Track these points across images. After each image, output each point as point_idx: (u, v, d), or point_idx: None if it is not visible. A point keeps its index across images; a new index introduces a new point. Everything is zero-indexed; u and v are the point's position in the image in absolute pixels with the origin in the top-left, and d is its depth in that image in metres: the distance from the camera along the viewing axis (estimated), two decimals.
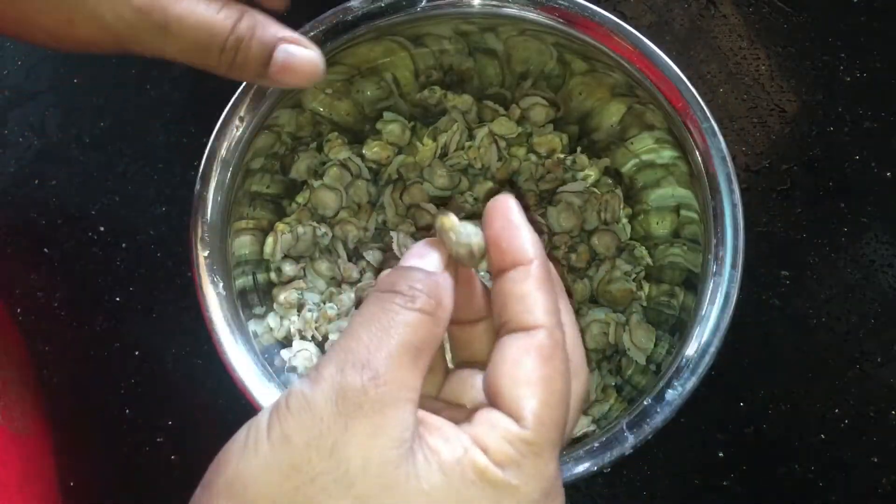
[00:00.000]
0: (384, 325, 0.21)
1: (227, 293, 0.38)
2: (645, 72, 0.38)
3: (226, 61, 0.27)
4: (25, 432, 0.38)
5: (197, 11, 0.25)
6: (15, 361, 0.40)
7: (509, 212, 0.24)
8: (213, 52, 0.26)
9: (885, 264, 0.51)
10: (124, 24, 0.25)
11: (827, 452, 0.48)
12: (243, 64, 0.27)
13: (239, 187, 0.40)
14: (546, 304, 0.23)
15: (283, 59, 0.27)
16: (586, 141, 0.48)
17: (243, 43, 0.26)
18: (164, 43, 0.26)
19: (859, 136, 0.53)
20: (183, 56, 0.26)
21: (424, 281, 0.22)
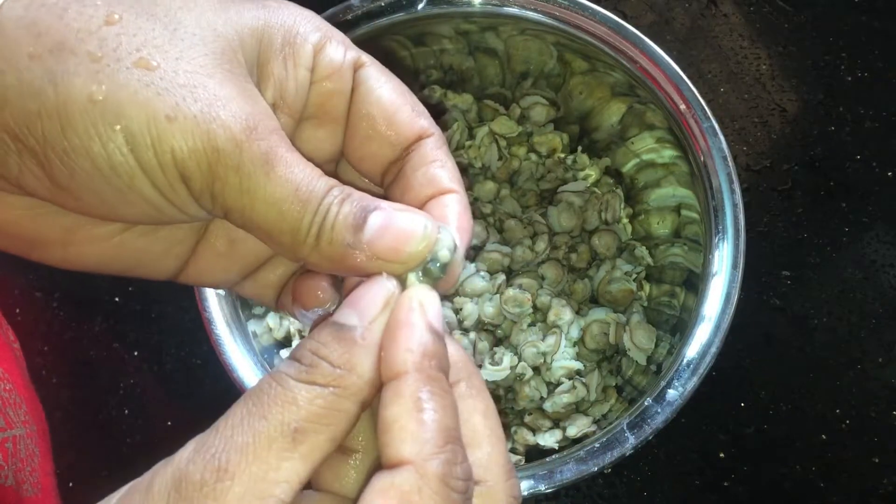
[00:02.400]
0: (259, 404, 0.17)
1: (226, 293, 0.38)
2: (645, 71, 0.38)
3: (317, 223, 0.19)
4: (35, 493, 0.38)
5: (303, 162, 0.20)
6: (23, 415, 0.39)
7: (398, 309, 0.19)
8: (309, 210, 0.19)
9: (886, 264, 0.51)
10: (212, 148, 0.18)
11: (828, 453, 0.48)
12: (331, 229, 0.19)
13: None
14: (424, 433, 0.18)
15: (381, 220, 0.19)
16: (587, 140, 0.48)
17: (334, 203, 0.19)
18: (255, 187, 0.19)
19: (860, 136, 0.53)
20: (269, 214, 0.19)
21: (336, 342, 0.18)
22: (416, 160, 0.22)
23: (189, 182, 0.19)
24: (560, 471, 0.34)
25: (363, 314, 0.19)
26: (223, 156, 0.18)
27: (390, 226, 0.19)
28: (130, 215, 0.20)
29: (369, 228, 0.19)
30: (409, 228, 0.19)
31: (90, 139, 0.18)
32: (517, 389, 0.42)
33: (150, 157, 0.18)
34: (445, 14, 0.40)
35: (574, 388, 0.41)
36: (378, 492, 0.17)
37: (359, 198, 0.20)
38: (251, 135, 0.19)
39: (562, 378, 0.42)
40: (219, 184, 0.19)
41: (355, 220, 0.19)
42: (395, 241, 0.19)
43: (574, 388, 0.41)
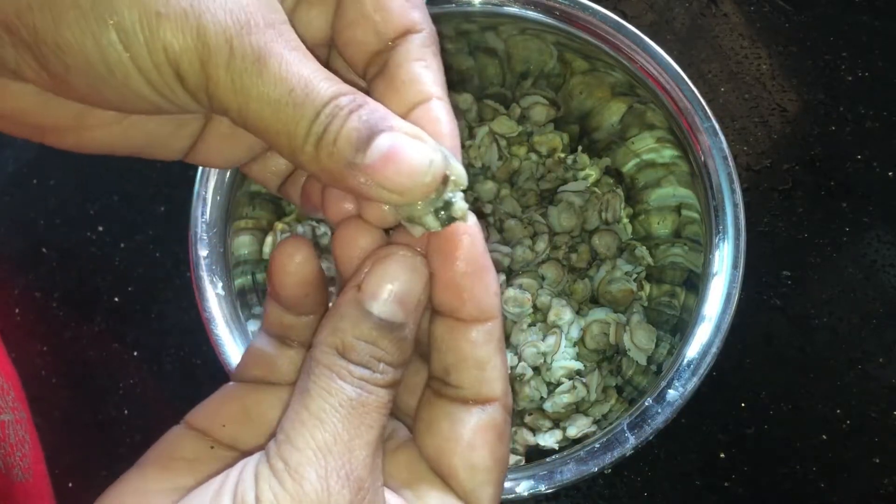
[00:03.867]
0: (360, 416, 0.18)
1: (226, 293, 0.38)
2: (646, 71, 0.38)
3: (315, 133, 0.18)
4: (26, 478, 0.38)
5: (303, 63, 0.18)
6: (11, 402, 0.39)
7: (475, 249, 0.19)
8: (307, 115, 0.18)
9: (886, 264, 0.51)
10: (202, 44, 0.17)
11: (828, 453, 0.48)
12: (331, 142, 0.18)
13: (238, 187, 0.40)
14: (504, 372, 0.20)
15: (388, 146, 0.18)
16: (587, 140, 0.48)
17: (339, 114, 0.18)
18: (248, 85, 0.18)
19: (861, 136, 0.53)
20: (263, 114, 0.18)
21: (394, 346, 0.18)
22: (401, 55, 0.20)
23: (184, 81, 0.18)
24: (560, 471, 0.34)
25: (408, 311, 0.19)
26: (213, 53, 0.17)
27: (397, 153, 0.18)
28: (130, 109, 0.19)
29: (374, 151, 0.18)
30: (417, 161, 0.18)
31: (83, 35, 0.17)
32: (517, 389, 0.42)
33: (144, 54, 0.17)
34: (445, 14, 0.40)
35: (574, 388, 0.41)
36: (481, 428, 0.19)
37: (369, 112, 0.18)
38: (243, 29, 0.17)
39: (562, 378, 0.41)
40: (212, 82, 0.18)
41: (359, 138, 0.18)
42: (399, 172, 0.18)
43: (574, 388, 0.41)
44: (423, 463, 0.21)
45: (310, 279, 0.21)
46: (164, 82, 0.18)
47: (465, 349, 0.20)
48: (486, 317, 0.20)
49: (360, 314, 0.18)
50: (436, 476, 0.20)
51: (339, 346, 0.18)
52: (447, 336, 0.20)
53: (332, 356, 0.18)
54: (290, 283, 0.21)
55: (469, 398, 0.20)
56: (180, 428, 0.22)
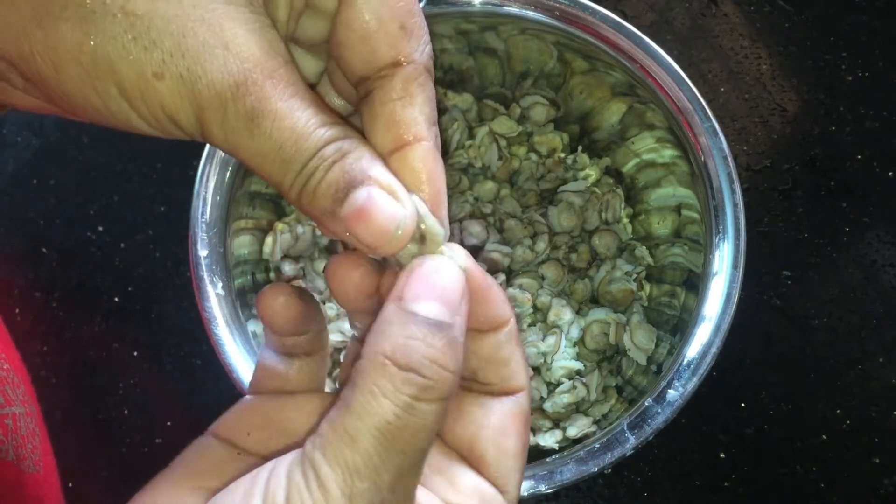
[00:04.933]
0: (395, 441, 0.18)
1: (226, 293, 0.38)
2: (646, 71, 0.38)
3: (299, 183, 0.19)
4: (35, 470, 0.38)
5: (296, 115, 0.19)
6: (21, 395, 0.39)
7: (476, 274, 0.20)
8: (293, 169, 0.19)
9: (886, 264, 0.51)
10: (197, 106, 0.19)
11: (828, 453, 0.48)
12: (313, 191, 0.19)
13: (238, 187, 0.40)
14: (525, 361, 0.22)
15: (361, 203, 0.19)
16: (587, 140, 0.48)
17: (321, 166, 0.19)
18: (239, 142, 0.19)
19: (861, 136, 0.53)
20: (252, 163, 0.19)
21: (449, 349, 0.18)
22: (385, 92, 0.21)
23: (181, 127, 0.19)
24: (560, 471, 0.34)
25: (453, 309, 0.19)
26: (208, 113, 0.18)
27: (367, 211, 0.19)
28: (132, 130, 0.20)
29: (348, 206, 0.19)
30: (385, 221, 0.19)
31: (85, 88, 0.18)
32: None
33: (143, 107, 0.19)
34: (445, 14, 0.40)
35: (574, 388, 0.41)
36: (511, 415, 0.21)
37: (350, 163, 0.19)
38: (239, 90, 0.18)
39: (562, 378, 0.41)
40: (206, 131, 0.19)
41: (337, 192, 0.19)
42: (368, 229, 0.19)
43: (574, 388, 0.41)
44: (451, 450, 0.22)
45: (297, 315, 0.22)
46: (161, 127, 0.19)
47: (488, 353, 0.21)
48: (501, 322, 0.21)
49: (407, 316, 0.18)
50: (464, 462, 0.21)
51: (387, 350, 0.18)
52: (469, 344, 0.21)
53: (380, 365, 0.18)
54: (281, 322, 0.22)
55: (497, 391, 0.21)
56: (206, 438, 0.22)
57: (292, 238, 0.44)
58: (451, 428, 0.21)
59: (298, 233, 0.44)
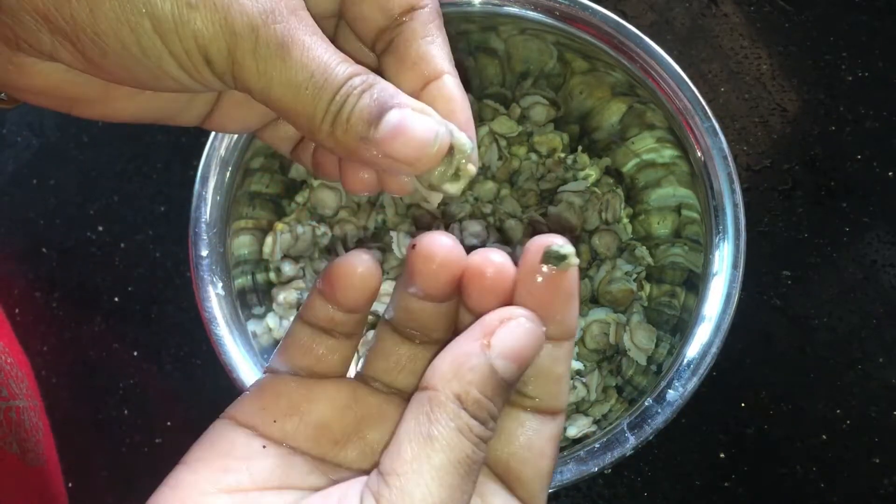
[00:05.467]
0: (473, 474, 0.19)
1: (226, 293, 0.38)
2: (646, 71, 0.38)
3: (332, 112, 0.20)
4: (38, 464, 0.38)
5: (321, 48, 0.20)
6: (25, 390, 0.40)
7: (574, 277, 0.21)
8: (325, 97, 0.19)
9: (886, 264, 0.51)
10: (230, 33, 0.19)
11: (828, 453, 0.48)
12: (347, 118, 0.20)
13: (238, 187, 0.40)
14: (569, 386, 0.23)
15: (397, 121, 0.20)
16: (587, 140, 0.48)
17: (353, 94, 0.20)
18: (271, 70, 0.19)
19: (861, 136, 0.53)
20: (285, 98, 0.20)
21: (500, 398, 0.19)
22: (409, 34, 0.22)
23: (211, 64, 0.19)
24: (560, 471, 0.34)
25: (522, 371, 0.20)
26: (240, 40, 0.19)
27: (405, 128, 0.20)
28: (159, 88, 0.21)
29: (384, 126, 0.20)
30: (423, 135, 0.20)
31: (119, 23, 0.18)
32: None
33: (175, 41, 0.19)
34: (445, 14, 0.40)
35: (574, 388, 0.41)
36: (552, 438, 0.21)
37: (379, 90, 0.20)
38: (268, 18, 0.19)
39: None
40: (237, 67, 0.19)
41: (370, 114, 0.20)
42: (407, 144, 0.20)
43: (574, 388, 0.41)
44: (483, 465, 0.21)
45: (374, 290, 0.22)
46: (193, 65, 0.19)
47: (546, 365, 0.21)
48: (568, 336, 0.21)
49: (489, 372, 0.19)
50: (496, 479, 0.21)
51: (462, 396, 0.19)
52: None
53: (454, 405, 0.19)
54: (355, 296, 0.22)
55: (541, 408, 0.21)
56: (226, 424, 0.22)
57: (292, 238, 0.44)
58: (491, 445, 0.21)
59: (298, 233, 0.44)
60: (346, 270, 0.22)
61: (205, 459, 0.21)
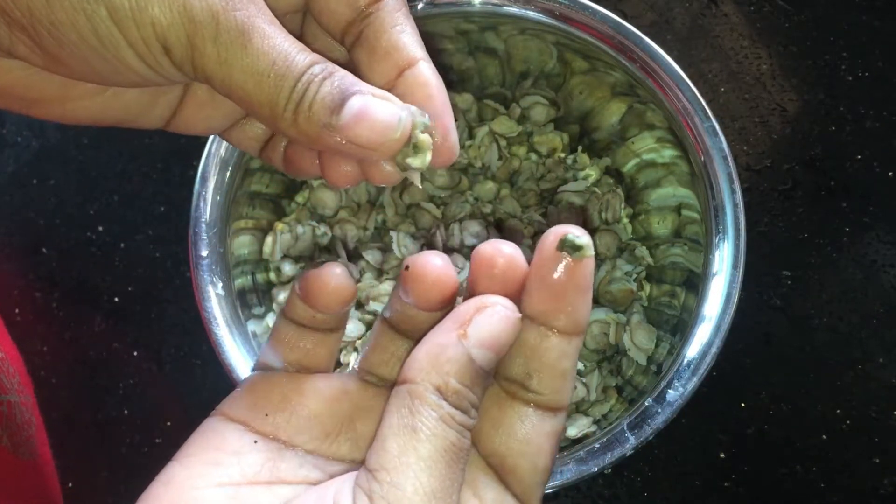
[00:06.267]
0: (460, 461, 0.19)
1: (226, 293, 0.38)
2: (646, 71, 0.38)
3: (294, 100, 0.20)
4: (31, 458, 0.38)
5: (280, 37, 0.20)
6: (16, 385, 0.40)
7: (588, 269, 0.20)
8: (286, 85, 0.19)
9: (886, 264, 0.51)
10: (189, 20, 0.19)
11: (828, 453, 0.48)
12: (309, 105, 0.20)
13: (238, 187, 0.40)
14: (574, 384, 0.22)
15: (358, 108, 0.20)
16: (587, 140, 0.48)
17: (314, 81, 0.20)
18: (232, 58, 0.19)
19: (861, 136, 0.53)
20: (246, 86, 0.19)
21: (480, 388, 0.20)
22: (377, 24, 0.22)
23: (171, 53, 0.19)
24: (560, 471, 0.34)
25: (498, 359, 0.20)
26: (200, 27, 0.19)
27: (367, 113, 0.20)
28: (118, 82, 0.21)
29: (346, 113, 0.20)
30: (385, 119, 0.20)
31: (75, 12, 0.18)
32: None
33: (133, 29, 0.19)
34: (445, 14, 0.40)
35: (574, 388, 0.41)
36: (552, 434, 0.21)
37: (339, 78, 0.20)
38: (227, 5, 0.19)
39: None
40: (198, 54, 0.19)
41: (332, 101, 0.20)
42: (370, 129, 0.20)
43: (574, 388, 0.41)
44: (480, 458, 0.21)
45: (349, 293, 0.23)
46: (151, 55, 0.19)
47: (552, 358, 0.21)
48: (577, 331, 0.21)
49: (467, 361, 0.19)
50: (489, 471, 0.21)
51: (441, 387, 0.19)
52: (538, 343, 0.21)
53: (434, 396, 0.19)
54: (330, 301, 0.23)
55: (544, 404, 0.21)
56: (218, 420, 0.22)
57: (292, 238, 0.44)
58: (489, 436, 0.21)
59: (298, 233, 0.44)
60: (318, 284, 0.22)
61: (196, 455, 0.21)
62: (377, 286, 0.42)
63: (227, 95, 0.20)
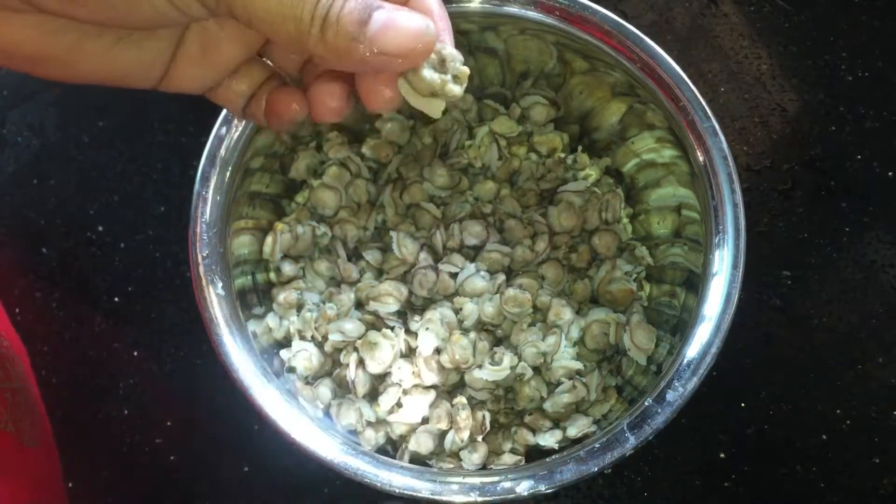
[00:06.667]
0: None
1: (226, 293, 0.38)
2: (646, 71, 0.38)
3: (319, 18, 0.21)
4: (35, 445, 0.38)
5: None
6: (20, 373, 0.40)
7: None
8: (309, 2, 0.21)
9: (886, 264, 0.51)
10: None
11: (828, 453, 0.48)
12: (336, 21, 0.21)
13: (238, 187, 0.40)
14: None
15: (385, 18, 0.21)
16: (587, 140, 0.48)
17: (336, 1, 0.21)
18: None
19: (861, 136, 0.53)
20: (267, 7, 0.21)
21: None
22: None
23: None
24: (560, 471, 0.34)
25: None
26: None
27: (393, 23, 0.21)
28: (134, 20, 0.22)
29: (374, 24, 0.21)
30: (414, 26, 0.22)
31: None
32: (517, 389, 0.42)
33: None
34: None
35: (574, 388, 0.41)
36: None
37: None
38: None
39: (562, 378, 0.42)
40: None
41: (360, 15, 0.21)
42: (398, 37, 0.21)
43: (574, 388, 0.41)
44: None
45: None
46: None
47: None
48: None
49: None
50: None
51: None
52: None
53: None
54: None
55: None
56: None
57: (292, 238, 0.44)
58: None
59: (298, 233, 0.44)
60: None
61: None
62: (377, 286, 0.42)
63: (249, 22, 0.21)
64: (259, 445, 0.47)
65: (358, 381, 0.40)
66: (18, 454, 0.36)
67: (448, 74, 0.23)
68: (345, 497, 0.47)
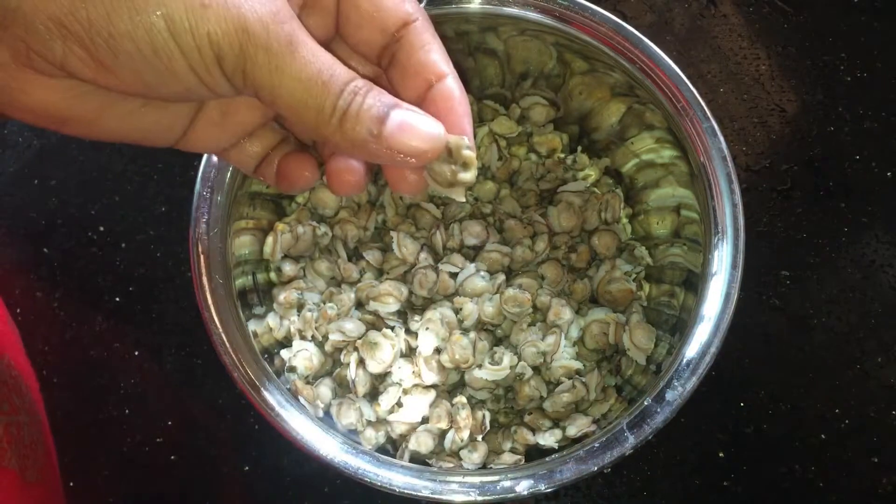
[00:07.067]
0: None
1: (226, 293, 0.38)
2: (645, 72, 0.38)
3: (340, 110, 0.22)
4: (37, 480, 0.38)
5: (322, 51, 0.22)
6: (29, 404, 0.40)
7: None
8: (333, 92, 0.22)
9: (885, 264, 0.51)
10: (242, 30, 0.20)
11: (827, 452, 0.48)
12: (355, 116, 0.22)
13: (239, 187, 0.40)
14: None
15: (401, 119, 0.23)
16: (586, 140, 0.48)
17: (359, 93, 0.22)
18: (283, 65, 0.21)
19: (860, 136, 0.53)
20: (296, 92, 0.22)
21: None
22: (407, 47, 0.25)
23: (223, 62, 0.21)
24: (560, 471, 0.34)
25: None
26: (253, 36, 0.21)
27: (409, 125, 0.23)
28: (163, 93, 0.22)
29: (391, 123, 0.23)
30: (424, 130, 0.23)
31: (134, 25, 0.20)
32: (517, 389, 0.42)
33: (189, 40, 0.20)
34: (445, 14, 0.40)
35: (574, 387, 0.41)
36: None
37: (379, 93, 0.23)
38: (276, 17, 0.21)
39: (561, 378, 0.42)
40: (249, 63, 0.21)
41: (378, 113, 0.22)
42: (411, 139, 0.23)
43: (574, 387, 0.41)
44: None
45: None
46: (204, 64, 0.21)
47: None
48: None
49: None
50: None
51: None
52: None
53: None
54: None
55: None
56: None
57: (292, 238, 0.44)
58: None
59: (299, 233, 0.44)
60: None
61: None
62: (377, 286, 0.42)
63: (272, 103, 0.22)
64: (259, 445, 0.48)
65: (358, 380, 0.40)
66: (20, 491, 0.36)
67: (457, 164, 0.24)
68: (345, 496, 0.47)
